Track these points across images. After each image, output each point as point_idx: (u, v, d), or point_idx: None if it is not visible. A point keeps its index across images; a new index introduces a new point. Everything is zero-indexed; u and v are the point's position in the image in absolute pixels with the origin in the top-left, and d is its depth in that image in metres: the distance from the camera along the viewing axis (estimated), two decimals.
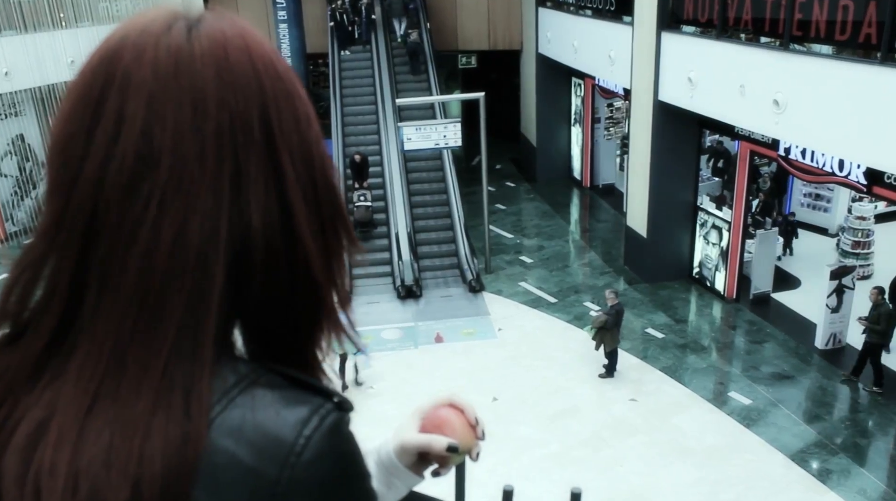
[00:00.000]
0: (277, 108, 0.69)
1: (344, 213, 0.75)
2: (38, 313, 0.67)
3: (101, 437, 0.60)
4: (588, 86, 18.29)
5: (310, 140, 0.71)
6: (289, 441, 0.63)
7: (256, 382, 0.66)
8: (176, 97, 0.64)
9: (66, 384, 0.63)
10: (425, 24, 19.35)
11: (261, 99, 0.67)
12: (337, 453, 0.66)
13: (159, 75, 0.64)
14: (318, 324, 0.74)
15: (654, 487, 8.73)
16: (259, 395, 0.65)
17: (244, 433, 0.63)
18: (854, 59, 8.93)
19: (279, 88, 0.69)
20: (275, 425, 0.63)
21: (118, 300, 0.63)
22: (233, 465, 0.62)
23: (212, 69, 0.66)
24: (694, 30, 12.25)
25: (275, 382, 0.67)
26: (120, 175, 0.63)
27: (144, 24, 0.68)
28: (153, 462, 0.59)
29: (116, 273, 0.63)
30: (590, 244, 16.28)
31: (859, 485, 8.55)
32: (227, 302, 0.66)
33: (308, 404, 0.66)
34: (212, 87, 0.65)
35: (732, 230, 12.61)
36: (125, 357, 0.63)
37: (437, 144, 14.81)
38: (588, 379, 10.90)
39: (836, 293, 11.05)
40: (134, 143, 0.63)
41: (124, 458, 0.59)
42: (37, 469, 0.60)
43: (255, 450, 0.62)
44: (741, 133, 11.90)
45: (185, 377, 0.63)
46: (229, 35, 0.68)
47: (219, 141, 0.65)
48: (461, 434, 1.02)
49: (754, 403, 10.13)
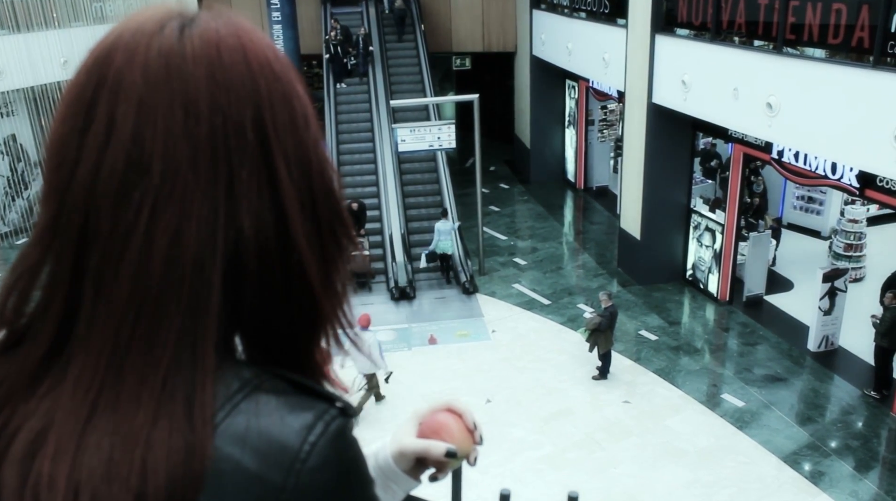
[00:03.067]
0: (272, 110, 0.67)
1: (343, 217, 0.73)
2: (36, 320, 0.65)
3: (100, 449, 0.59)
4: (582, 88, 18.32)
5: (307, 142, 0.69)
6: (294, 447, 0.62)
7: (260, 387, 0.65)
8: (167, 101, 0.63)
9: (63, 394, 0.62)
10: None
11: (255, 100, 0.65)
12: (342, 459, 0.66)
13: (150, 78, 0.63)
14: (316, 330, 0.73)
15: (647, 489, 8.74)
16: (263, 401, 0.64)
17: (249, 439, 0.62)
18: (847, 63, 8.96)
19: (275, 89, 0.67)
20: (280, 431, 0.63)
21: (113, 309, 0.61)
22: (238, 472, 0.61)
23: (203, 70, 0.64)
24: (688, 33, 12.28)
25: (279, 387, 0.66)
26: (111, 181, 0.62)
27: (139, 23, 0.66)
28: (157, 475, 0.58)
29: (110, 281, 0.62)
30: (583, 246, 16.30)
31: (851, 487, 8.58)
32: (225, 309, 0.64)
33: (312, 410, 0.65)
34: (204, 89, 0.63)
35: (725, 232, 12.65)
36: (123, 366, 0.61)
37: (431, 146, 14.81)
38: (582, 380, 10.90)
39: (829, 295, 11.09)
40: (124, 149, 0.62)
41: (126, 471, 0.58)
42: (35, 482, 0.58)
43: (259, 457, 0.61)
44: (735, 136, 11.94)
45: (187, 385, 0.61)
46: (223, 34, 0.66)
47: (212, 145, 0.63)
48: (460, 439, 1.01)
49: (747, 405, 10.16)
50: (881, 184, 9.40)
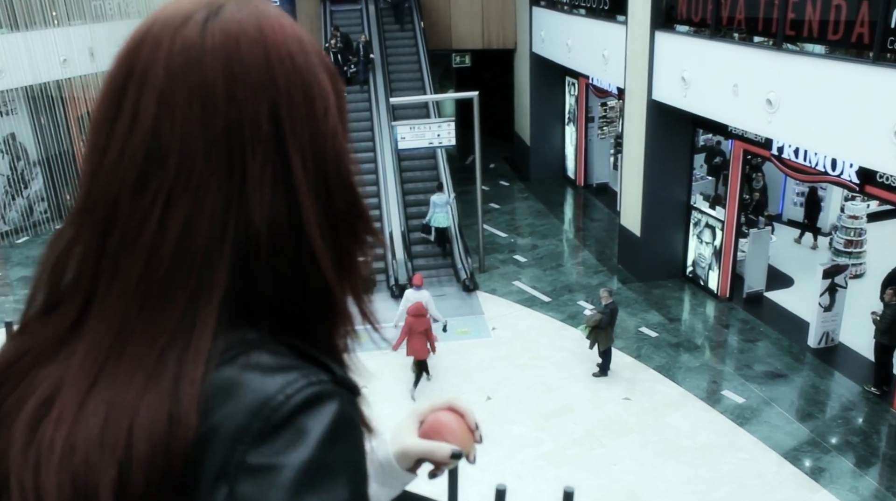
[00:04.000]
0: (290, 102, 0.67)
1: (361, 208, 0.74)
2: (68, 291, 0.69)
3: (96, 417, 0.61)
4: (582, 85, 18.30)
5: (324, 134, 0.69)
6: (268, 395, 0.61)
7: (261, 347, 0.65)
8: (185, 94, 0.64)
9: (74, 364, 0.65)
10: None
11: (271, 93, 0.66)
12: (318, 424, 0.61)
13: (171, 71, 0.65)
14: (332, 322, 0.73)
15: (647, 485, 8.75)
16: (255, 356, 0.64)
17: (229, 387, 0.62)
18: (846, 59, 8.96)
19: (293, 81, 0.68)
20: (261, 382, 0.62)
21: (125, 289, 0.65)
22: (210, 415, 0.61)
23: (221, 63, 0.65)
24: (687, 29, 12.27)
25: (279, 350, 0.66)
26: (131, 170, 0.64)
27: (168, 15, 0.68)
28: (140, 444, 0.60)
29: (125, 263, 0.65)
30: (583, 243, 16.30)
31: (851, 483, 8.59)
32: (233, 297, 0.65)
33: (301, 370, 0.64)
34: (221, 83, 0.65)
35: (726, 229, 12.65)
36: (127, 344, 0.64)
37: (430, 143, 14.80)
38: (582, 377, 10.91)
39: (829, 292, 11.09)
40: (144, 140, 0.64)
41: (114, 439, 0.60)
42: (38, 443, 0.62)
43: (234, 402, 0.61)
44: (734, 132, 11.94)
45: (177, 363, 0.62)
46: (245, 26, 0.67)
47: (228, 137, 0.65)
48: (462, 439, 1.02)
49: (747, 401, 10.16)
50: (881, 179, 9.40)
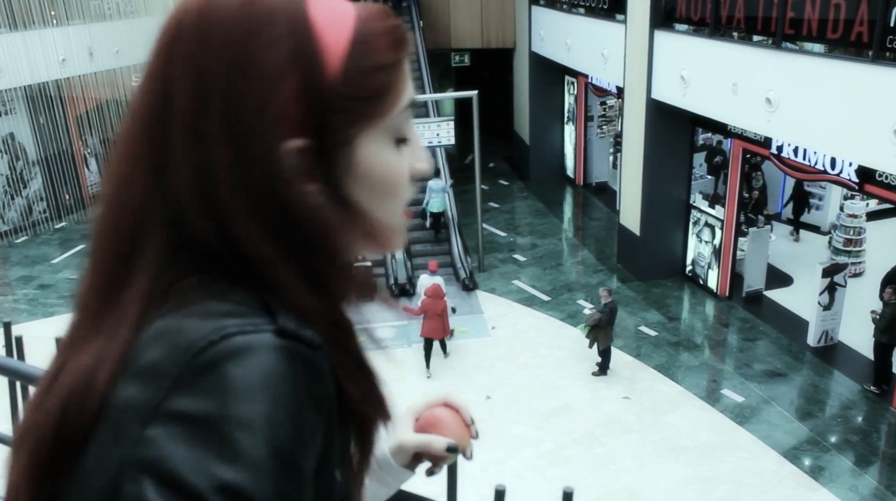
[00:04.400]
0: (211, 80, 0.64)
1: (325, 239, 0.68)
2: None
3: (69, 367, 0.66)
4: (581, 84, 18.31)
5: (255, 132, 0.64)
6: (194, 340, 0.58)
7: (220, 297, 0.63)
8: (150, 74, 0.69)
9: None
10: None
11: (197, 65, 0.65)
12: (245, 374, 0.57)
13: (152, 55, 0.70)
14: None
15: (647, 484, 8.75)
16: (205, 304, 0.62)
17: (165, 333, 0.61)
18: (846, 58, 8.96)
19: (222, 55, 0.65)
20: (196, 327, 0.59)
21: (93, 253, 0.71)
22: (137, 360, 0.61)
23: (172, 32, 0.68)
24: (687, 28, 12.27)
25: (239, 300, 0.63)
26: None
27: None
28: (76, 383, 0.63)
29: (97, 229, 0.72)
30: (583, 242, 16.30)
31: (851, 482, 8.59)
32: (175, 258, 0.66)
33: (243, 317, 0.60)
34: (163, 50, 0.68)
35: (725, 228, 12.65)
36: (110, 295, 0.68)
37: (430, 143, 14.80)
38: (581, 377, 10.91)
39: (829, 291, 11.09)
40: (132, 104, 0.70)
41: (66, 379, 0.65)
42: (42, 381, 0.69)
43: (163, 348, 0.60)
44: (734, 131, 11.94)
45: (121, 307, 0.66)
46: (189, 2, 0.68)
47: (160, 110, 0.67)
48: (457, 433, 1.02)
49: (747, 400, 10.17)
50: (880, 178, 9.41)
